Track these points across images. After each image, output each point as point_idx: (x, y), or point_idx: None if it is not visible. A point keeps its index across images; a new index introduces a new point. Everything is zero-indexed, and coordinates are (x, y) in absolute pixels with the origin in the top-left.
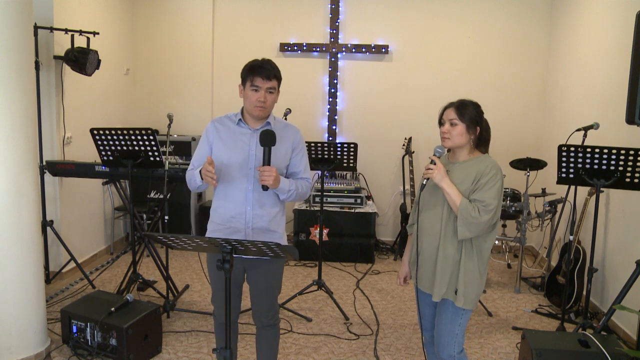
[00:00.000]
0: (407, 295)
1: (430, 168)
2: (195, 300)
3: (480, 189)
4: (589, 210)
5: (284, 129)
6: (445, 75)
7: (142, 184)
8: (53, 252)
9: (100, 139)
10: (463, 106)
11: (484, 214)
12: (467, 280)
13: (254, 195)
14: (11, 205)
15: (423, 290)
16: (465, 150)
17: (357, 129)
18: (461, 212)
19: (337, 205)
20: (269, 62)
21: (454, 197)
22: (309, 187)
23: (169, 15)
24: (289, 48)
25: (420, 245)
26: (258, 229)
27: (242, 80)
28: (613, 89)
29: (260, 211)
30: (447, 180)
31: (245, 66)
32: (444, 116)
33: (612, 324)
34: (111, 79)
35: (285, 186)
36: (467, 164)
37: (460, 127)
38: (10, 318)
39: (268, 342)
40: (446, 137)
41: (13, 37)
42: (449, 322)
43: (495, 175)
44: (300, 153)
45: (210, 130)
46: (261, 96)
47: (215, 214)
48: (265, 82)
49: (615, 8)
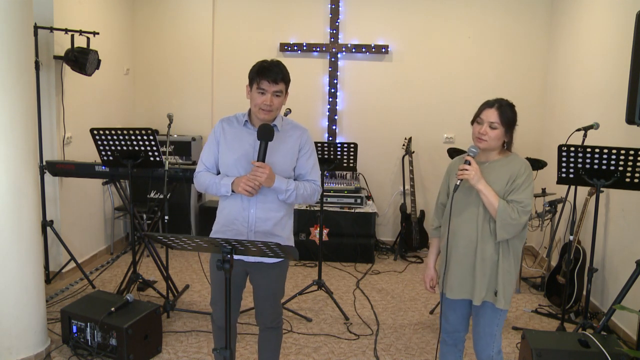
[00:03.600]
0: (407, 295)
1: (465, 169)
2: (195, 300)
3: (516, 190)
4: (589, 210)
5: (291, 129)
6: (445, 75)
7: (142, 184)
8: (53, 252)
9: (100, 139)
10: (504, 109)
11: (523, 215)
12: (505, 281)
13: (257, 197)
14: (11, 205)
15: (454, 297)
16: (496, 150)
17: (357, 129)
18: (500, 214)
19: (337, 205)
20: (277, 64)
21: (491, 198)
22: (316, 190)
23: (169, 15)
24: (289, 48)
25: (456, 250)
26: (261, 233)
27: (249, 81)
28: (613, 89)
29: (264, 215)
30: (483, 182)
31: (254, 67)
32: (482, 115)
33: (612, 324)
34: (111, 79)
35: (281, 186)
36: (498, 163)
37: (499, 131)
38: (10, 318)
39: (270, 345)
40: (483, 139)
41: (13, 37)
42: (487, 324)
43: (529, 175)
44: (307, 154)
45: (217, 130)
46: (267, 99)
47: (221, 215)
48: (272, 85)
49: (615, 8)
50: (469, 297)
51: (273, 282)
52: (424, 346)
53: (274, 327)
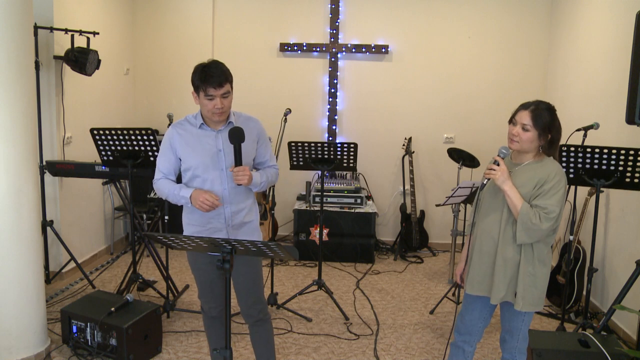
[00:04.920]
0: (407, 295)
1: (492, 168)
2: (195, 301)
3: (543, 195)
4: (589, 210)
5: (247, 122)
6: (445, 75)
7: (142, 184)
8: (53, 252)
9: (100, 139)
10: (538, 112)
11: (545, 222)
12: (526, 283)
13: (229, 194)
14: (11, 205)
15: (473, 293)
16: (532, 153)
17: (357, 129)
18: (521, 217)
19: (337, 205)
20: (216, 67)
21: (515, 200)
22: (277, 173)
23: (169, 16)
24: (289, 48)
25: (479, 247)
26: (237, 224)
27: (194, 87)
28: (613, 89)
29: (237, 207)
30: (509, 183)
31: (194, 74)
32: (516, 117)
33: (612, 324)
34: (111, 79)
35: (257, 180)
36: (531, 166)
37: (532, 133)
38: (10, 318)
39: (262, 339)
40: (515, 140)
41: (13, 37)
42: (507, 321)
43: (559, 181)
44: (265, 143)
45: (173, 136)
46: (217, 103)
47: (192, 217)
48: (217, 89)
49: (615, 8)
50: (487, 295)
51: (250, 267)
52: (424, 346)
53: (261, 320)
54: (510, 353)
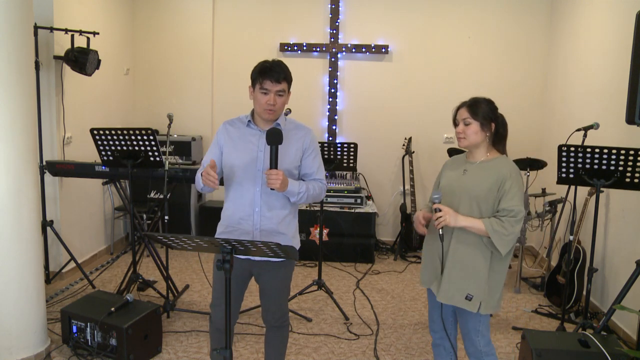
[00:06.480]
0: (407, 295)
1: (439, 216)
2: (195, 300)
3: (505, 197)
4: (589, 210)
5: (295, 129)
6: (445, 75)
7: (142, 184)
8: (53, 252)
9: (100, 139)
10: (475, 104)
11: (516, 224)
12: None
13: (262, 197)
14: (11, 205)
15: (424, 286)
16: (483, 149)
17: (357, 129)
18: (493, 234)
19: (337, 205)
20: (279, 64)
21: (476, 226)
22: (323, 189)
23: (169, 15)
24: (289, 48)
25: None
26: (266, 231)
27: (252, 81)
28: (613, 89)
29: (269, 213)
30: (460, 218)
31: (255, 68)
32: (457, 116)
33: (612, 324)
34: (111, 79)
35: (294, 189)
36: (486, 164)
37: (474, 125)
38: (10, 318)
39: (276, 344)
40: (461, 137)
41: (13, 37)
42: (464, 323)
43: (516, 178)
44: (313, 154)
45: (221, 132)
46: (270, 99)
47: (225, 216)
48: (274, 85)
49: (615, 8)
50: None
51: (280, 281)
52: (424, 346)
53: (279, 326)
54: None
